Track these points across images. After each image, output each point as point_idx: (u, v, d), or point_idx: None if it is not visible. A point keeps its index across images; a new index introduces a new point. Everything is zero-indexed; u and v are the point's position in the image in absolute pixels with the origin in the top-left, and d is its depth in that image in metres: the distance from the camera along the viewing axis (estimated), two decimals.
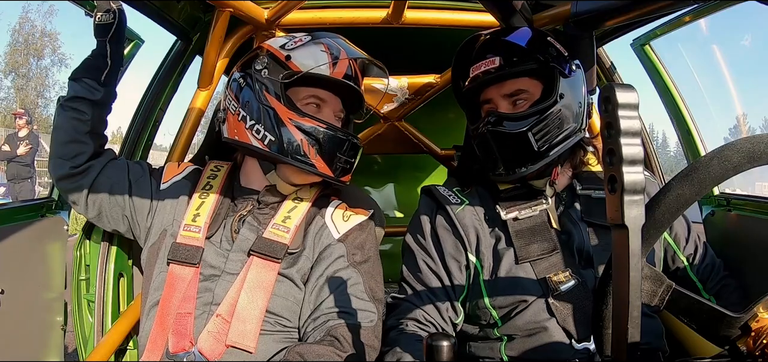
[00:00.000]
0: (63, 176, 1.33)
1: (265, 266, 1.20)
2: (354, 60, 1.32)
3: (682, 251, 1.34)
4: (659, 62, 1.77)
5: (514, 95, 1.23)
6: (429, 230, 1.30)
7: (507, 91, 1.24)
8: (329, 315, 1.16)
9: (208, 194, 1.32)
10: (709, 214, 1.66)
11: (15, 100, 25.33)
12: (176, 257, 1.23)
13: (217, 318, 1.17)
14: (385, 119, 1.81)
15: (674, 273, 1.33)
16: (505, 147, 1.20)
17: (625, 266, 0.59)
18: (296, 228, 1.24)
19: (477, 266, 1.23)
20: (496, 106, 1.24)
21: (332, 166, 1.24)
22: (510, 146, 1.20)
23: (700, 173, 0.71)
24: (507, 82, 1.23)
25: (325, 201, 1.34)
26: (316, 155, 1.22)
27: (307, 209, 1.29)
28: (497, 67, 1.23)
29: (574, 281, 1.16)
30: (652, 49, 1.76)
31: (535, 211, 1.24)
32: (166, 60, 1.83)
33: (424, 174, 2.83)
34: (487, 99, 1.27)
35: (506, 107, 1.23)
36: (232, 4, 1.45)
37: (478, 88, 1.27)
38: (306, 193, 1.32)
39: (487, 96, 1.27)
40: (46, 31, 25.19)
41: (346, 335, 1.12)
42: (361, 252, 1.26)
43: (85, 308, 1.62)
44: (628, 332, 0.61)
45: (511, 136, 1.19)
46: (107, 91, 1.36)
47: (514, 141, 1.19)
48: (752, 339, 0.72)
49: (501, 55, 1.23)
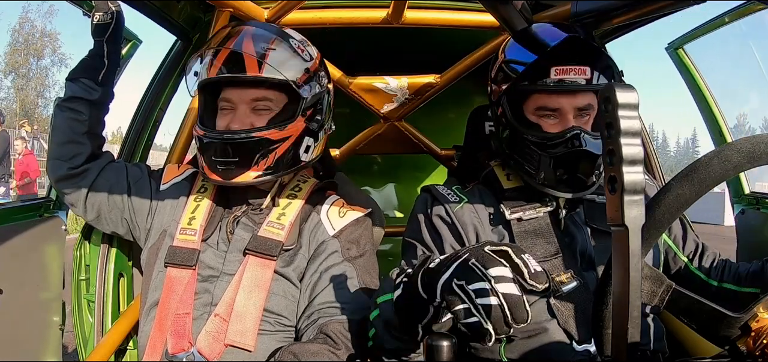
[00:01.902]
0: (61, 177, 1.33)
1: (262, 265, 1.20)
2: (251, 42, 1.21)
3: (682, 251, 1.33)
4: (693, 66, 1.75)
5: (584, 110, 1.17)
6: (426, 224, 1.27)
7: (580, 104, 1.16)
8: (322, 311, 1.16)
9: (203, 197, 1.32)
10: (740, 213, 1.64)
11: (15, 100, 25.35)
12: (173, 260, 1.23)
13: (216, 318, 1.17)
14: (385, 119, 1.81)
15: (676, 273, 1.33)
16: (580, 165, 1.16)
17: (625, 266, 0.59)
18: (291, 225, 1.24)
19: None
20: (563, 117, 1.17)
21: (213, 168, 1.22)
22: (587, 168, 1.16)
23: (700, 173, 0.71)
24: (582, 94, 1.16)
25: (321, 198, 1.33)
26: (202, 159, 1.25)
27: (302, 206, 1.28)
28: (588, 79, 1.15)
29: (575, 282, 1.16)
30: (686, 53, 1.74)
31: (539, 212, 1.22)
32: (166, 60, 1.83)
33: (424, 174, 2.82)
34: (552, 107, 1.17)
35: (576, 121, 1.17)
36: (232, 4, 1.45)
37: (544, 89, 1.17)
38: (299, 189, 1.32)
39: (554, 104, 1.17)
40: (46, 31, 25.27)
41: (340, 331, 1.11)
42: (356, 247, 1.25)
43: (85, 308, 1.62)
44: (628, 332, 0.61)
45: (593, 156, 1.14)
46: (104, 91, 1.36)
47: (592, 161, 1.15)
48: (752, 339, 0.72)
49: (591, 66, 1.15)
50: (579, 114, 1.17)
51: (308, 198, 1.31)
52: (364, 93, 1.72)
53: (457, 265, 0.82)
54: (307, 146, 1.28)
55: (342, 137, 1.90)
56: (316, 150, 1.32)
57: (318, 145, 1.32)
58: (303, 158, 1.28)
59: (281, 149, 1.22)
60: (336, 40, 1.75)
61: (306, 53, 1.27)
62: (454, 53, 1.69)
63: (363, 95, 1.73)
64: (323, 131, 1.34)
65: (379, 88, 1.72)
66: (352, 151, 1.90)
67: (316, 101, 1.27)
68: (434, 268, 0.86)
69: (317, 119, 1.29)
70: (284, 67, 1.20)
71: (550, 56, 1.16)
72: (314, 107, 1.27)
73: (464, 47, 1.66)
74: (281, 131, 1.21)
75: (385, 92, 1.73)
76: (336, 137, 1.84)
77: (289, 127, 1.22)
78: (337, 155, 1.86)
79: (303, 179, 1.35)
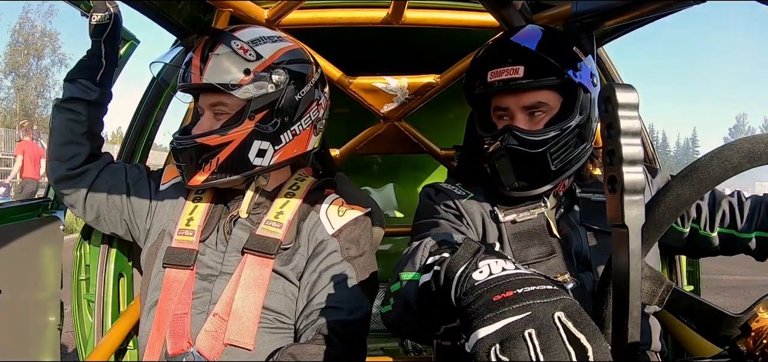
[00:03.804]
0: (60, 177, 1.33)
1: (260, 263, 1.20)
2: (201, 49, 1.22)
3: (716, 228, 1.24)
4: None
5: (532, 108, 1.17)
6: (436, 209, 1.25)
7: (526, 103, 1.17)
8: (321, 311, 1.16)
9: (201, 198, 1.32)
10: None
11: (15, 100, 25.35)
12: (171, 261, 1.24)
13: (215, 317, 1.17)
14: (385, 119, 1.80)
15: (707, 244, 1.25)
16: (521, 165, 1.16)
17: (625, 266, 0.59)
18: (289, 223, 1.24)
19: None
20: (512, 116, 1.18)
21: (180, 170, 1.26)
22: (527, 164, 1.16)
23: (699, 173, 0.71)
24: (527, 93, 1.16)
25: (319, 196, 1.32)
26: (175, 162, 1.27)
27: (299, 204, 1.28)
28: (520, 77, 1.15)
29: (572, 283, 1.15)
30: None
31: (533, 214, 1.22)
32: None
33: (424, 174, 2.83)
34: (502, 107, 1.20)
35: (523, 120, 1.18)
36: (232, 4, 1.44)
37: (492, 93, 1.20)
38: (297, 187, 1.31)
39: (502, 103, 1.19)
40: (46, 31, 25.25)
41: (338, 331, 1.11)
42: (356, 247, 1.25)
43: (85, 308, 1.62)
44: (628, 332, 0.61)
45: (530, 156, 1.14)
46: (102, 91, 1.36)
47: (532, 160, 1.15)
48: (752, 339, 0.72)
49: (525, 65, 1.15)
50: (527, 112, 1.18)
51: (306, 197, 1.30)
52: (364, 93, 1.72)
53: (504, 327, 0.55)
54: (259, 149, 1.23)
55: (342, 137, 1.90)
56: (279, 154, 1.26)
57: (282, 148, 1.26)
58: (255, 163, 1.23)
59: (223, 154, 1.21)
60: (336, 40, 1.75)
61: (250, 54, 1.21)
62: (454, 53, 1.68)
63: (363, 95, 1.73)
64: (288, 134, 1.26)
65: (379, 89, 1.71)
66: (352, 151, 1.90)
67: (270, 102, 1.22)
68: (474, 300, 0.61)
69: (274, 122, 1.23)
70: (221, 71, 1.19)
71: (484, 61, 1.21)
72: (269, 108, 1.22)
73: (464, 47, 1.66)
74: (222, 136, 1.20)
75: (385, 92, 1.72)
76: (336, 137, 1.85)
77: (232, 132, 1.20)
78: (337, 155, 1.86)
79: (301, 177, 1.35)
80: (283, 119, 1.24)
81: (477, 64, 1.25)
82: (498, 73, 1.17)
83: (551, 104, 1.18)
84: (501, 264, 0.65)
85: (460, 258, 0.70)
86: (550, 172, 1.17)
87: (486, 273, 0.64)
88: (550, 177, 1.18)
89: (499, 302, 0.58)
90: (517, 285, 0.59)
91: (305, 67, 1.29)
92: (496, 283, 0.61)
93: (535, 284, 0.59)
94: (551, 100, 1.18)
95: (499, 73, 1.17)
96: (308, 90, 1.28)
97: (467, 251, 0.71)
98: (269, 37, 1.27)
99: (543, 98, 1.17)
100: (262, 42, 1.25)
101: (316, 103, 1.31)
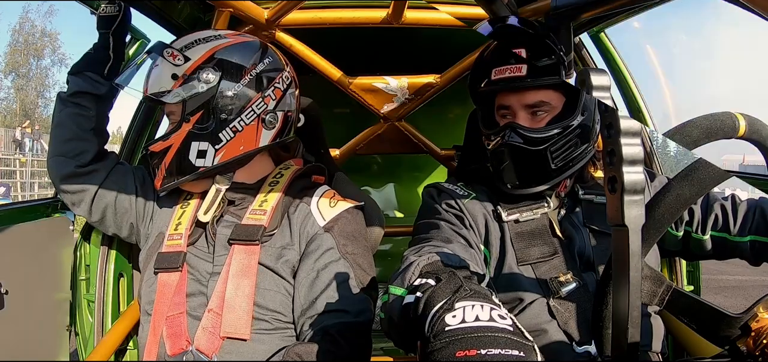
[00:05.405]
0: (67, 174, 1.31)
1: (246, 251, 1.19)
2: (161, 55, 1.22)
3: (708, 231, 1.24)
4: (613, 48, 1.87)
5: (535, 107, 1.18)
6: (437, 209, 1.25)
7: (529, 101, 1.18)
8: (327, 313, 1.15)
9: (188, 202, 1.32)
10: None
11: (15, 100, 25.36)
12: (161, 265, 1.24)
13: (210, 313, 1.17)
14: (385, 119, 1.80)
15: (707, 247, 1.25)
16: (521, 163, 1.17)
17: (625, 266, 0.59)
18: (273, 209, 1.23)
19: (486, 256, 1.21)
20: (514, 114, 1.20)
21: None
22: (527, 162, 1.17)
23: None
24: (530, 91, 1.18)
25: (306, 183, 1.31)
26: None
27: (283, 189, 1.27)
28: (523, 76, 1.16)
29: (575, 283, 1.15)
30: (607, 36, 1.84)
31: (536, 214, 1.22)
32: None
33: (424, 174, 2.83)
34: (505, 105, 1.21)
35: (525, 118, 1.19)
36: (232, 4, 1.44)
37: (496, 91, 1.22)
38: (281, 176, 1.30)
39: (504, 101, 1.21)
40: (46, 31, 25.26)
41: (346, 335, 1.11)
42: (352, 242, 1.23)
43: (85, 308, 1.62)
44: (628, 332, 0.61)
45: (530, 153, 1.16)
46: (110, 85, 1.34)
47: (533, 158, 1.16)
48: (752, 339, 0.72)
49: (528, 64, 1.17)
50: (529, 111, 1.19)
51: (292, 183, 1.29)
52: (364, 93, 1.72)
53: None
54: (199, 150, 1.21)
55: (342, 137, 1.90)
56: (222, 153, 1.22)
57: (224, 147, 1.22)
58: (197, 164, 1.22)
59: (167, 158, 1.24)
60: (336, 40, 1.75)
61: (179, 59, 1.20)
62: (454, 53, 1.68)
63: (363, 95, 1.73)
64: (229, 131, 1.22)
65: (379, 88, 1.72)
66: (352, 151, 1.90)
67: (204, 102, 1.20)
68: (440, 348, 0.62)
69: (211, 122, 1.20)
70: (156, 81, 1.23)
71: (488, 60, 1.24)
72: (204, 108, 1.20)
73: (464, 47, 1.66)
74: (165, 141, 1.24)
75: (385, 92, 1.73)
76: (336, 137, 1.85)
77: (172, 136, 1.22)
78: (337, 155, 1.86)
79: (286, 166, 1.34)
80: (220, 117, 1.21)
81: (482, 63, 1.28)
82: (502, 71, 1.20)
83: (554, 103, 1.19)
84: (476, 311, 0.63)
85: (439, 293, 0.69)
86: (550, 170, 1.17)
87: (458, 318, 0.63)
88: (550, 175, 1.18)
89: (461, 360, 0.57)
90: (483, 343, 0.58)
91: (244, 60, 1.23)
92: (463, 335, 0.60)
93: (503, 346, 0.57)
94: (554, 99, 1.19)
95: (502, 71, 1.19)
96: (246, 83, 1.23)
97: (448, 288, 0.70)
98: (205, 38, 1.25)
99: (545, 97, 1.18)
100: (195, 45, 1.23)
101: (261, 96, 1.24)
